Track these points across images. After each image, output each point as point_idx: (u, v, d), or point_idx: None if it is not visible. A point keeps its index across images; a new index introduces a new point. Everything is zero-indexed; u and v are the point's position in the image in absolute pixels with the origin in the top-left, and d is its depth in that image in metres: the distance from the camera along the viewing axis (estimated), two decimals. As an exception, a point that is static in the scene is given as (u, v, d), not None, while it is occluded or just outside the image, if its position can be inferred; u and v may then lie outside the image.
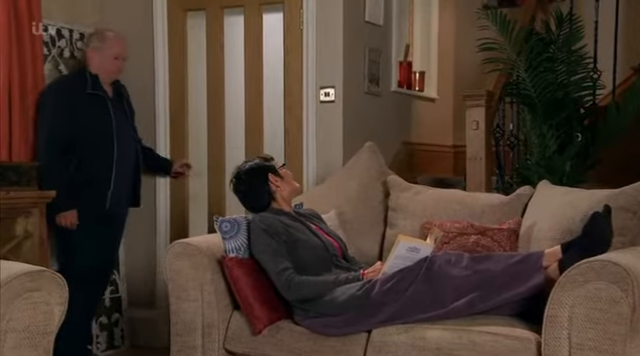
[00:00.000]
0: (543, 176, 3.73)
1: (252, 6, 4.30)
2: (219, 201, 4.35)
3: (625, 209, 2.43)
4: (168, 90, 4.40)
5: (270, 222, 2.70)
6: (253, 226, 2.72)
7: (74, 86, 3.62)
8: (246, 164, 2.95)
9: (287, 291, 2.61)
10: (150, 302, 4.31)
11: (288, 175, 2.89)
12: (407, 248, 2.46)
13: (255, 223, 2.72)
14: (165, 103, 4.40)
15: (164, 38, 4.39)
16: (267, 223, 2.69)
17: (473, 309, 2.34)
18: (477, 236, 2.70)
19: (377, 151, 3.26)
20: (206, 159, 4.40)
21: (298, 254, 2.67)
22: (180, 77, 4.40)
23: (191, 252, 2.76)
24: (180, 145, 4.41)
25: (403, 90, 4.65)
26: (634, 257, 2.16)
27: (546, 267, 2.32)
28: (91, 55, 3.71)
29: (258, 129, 4.26)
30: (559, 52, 4.02)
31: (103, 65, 3.69)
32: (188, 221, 4.44)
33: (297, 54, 4.12)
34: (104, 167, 3.59)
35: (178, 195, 4.42)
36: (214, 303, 2.73)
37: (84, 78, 3.65)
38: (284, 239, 2.67)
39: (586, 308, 2.07)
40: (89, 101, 3.61)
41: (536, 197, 2.87)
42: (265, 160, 2.94)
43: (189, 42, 4.42)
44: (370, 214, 3.13)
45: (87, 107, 3.58)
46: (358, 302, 2.47)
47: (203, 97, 4.40)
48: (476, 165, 3.66)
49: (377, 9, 4.33)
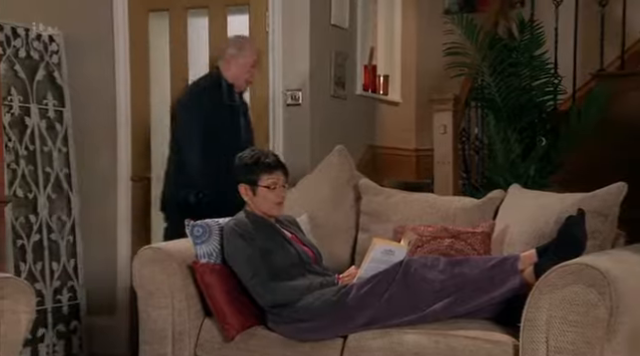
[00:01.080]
0: (508, 180, 3.77)
1: (217, 7, 4.25)
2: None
3: (597, 213, 2.46)
4: (130, 92, 4.31)
5: (245, 227, 2.65)
6: (227, 230, 2.67)
7: (212, 95, 3.52)
8: (245, 156, 2.78)
9: (261, 297, 2.57)
10: (110, 309, 4.22)
11: (265, 198, 2.70)
12: (382, 251, 2.45)
13: (229, 227, 2.67)
14: (127, 105, 4.32)
15: (125, 39, 4.30)
16: (242, 227, 2.65)
17: (450, 313, 2.34)
18: (451, 239, 2.71)
19: (347, 155, 3.25)
20: (169, 163, 4.32)
21: (272, 260, 2.63)
22: (142, 79, 4.32)
23: (161, 258, 2.70)
24: (142, 148, 4.32)
25: (368, 94, 4.65)
26: (610, 260, 2.18)
27: (522, 270, 2.34)
28: (227, 63, 3.62)
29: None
30: (522, 57, 4.08)
31: (239, 74, 3.61)
32: (150, 227, 4.35)
33: (263, 56, 4.08)
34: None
35: (140, 200, 4.33)
36: (185, 310, 2.67)
37: (219, 87, 3.56)
38: (258, 245, 2.63)
39: (564, 311, 2.09)
40: (224, 110, 3.53)
41: (507, 200, 2.89)
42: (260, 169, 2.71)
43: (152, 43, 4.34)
44: (342, 218, 3.11)
45: (222, 117, 3.50)
46: (334, 307, 2.44)
47: (166, 100, 4.32)
48: (444, 168, 3.68)
49: (342, 12, 4.33)
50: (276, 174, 2.74)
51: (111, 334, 4.14)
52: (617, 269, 2.11)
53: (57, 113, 4.16)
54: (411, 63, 5.34)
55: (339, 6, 4.28)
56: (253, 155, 2.78)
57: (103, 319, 4.17)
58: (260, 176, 2.72)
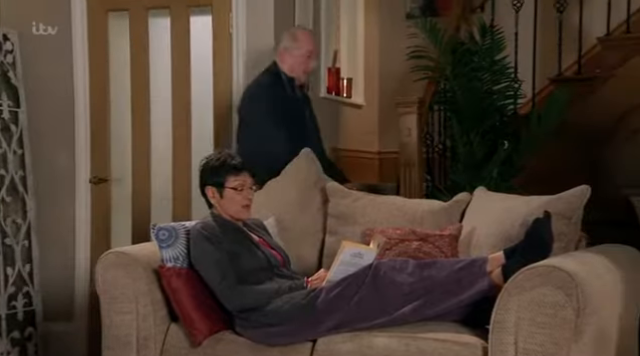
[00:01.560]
0: (471, 183, 3.81)
1: (178, 8, 4.21)
2: (144, 209, 4.21)
3: (561, 215, 2.50)
4: (88, 94, 4.24)
5: (212, 230, 2.62)
6: (194, 233, 2.63)
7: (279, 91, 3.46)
8: (211, 158, 2.76)
9: (229, 301, 2.54)
10: (67, 315, 4.13)
11: (232, 201, 2.68)
12: (351, 254, 2.45)
13: (196, 230, 2.63)
14: (85, 106, 4.24)
15: (84, 39, 4.22)
16: (209, 231, 2.61)
17: (419, 316, 2.34)
18: (419, 242, 2.72)
19: (314, 158, 3.23)
20: (130, 165, 4.26)
21: (239, 264, 2.60)
22: (102, 80, 4.24)
23: (126, 262, 2.65)
24: (102, 150, 4.24)
25: (332, 96, 4.65)
26: (576, 262, 2.22)
27: (490, 272, 2.35)
28: (282, 56, 3.54)
29: (186, 134, 4.16)
30: (483, 62, 4.13)
31: (295, 66, 3.52)
32: (111, 230, 4.27)
33: (227, 58, 4.05)
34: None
35: (100, 202, 4.24)
36: (150, 315, 2.63)
37: (280, 81, 3.48)
38: (226, 248, 2.59)
39: (532, 313, 2.11)
40: (289, 104, 3.46)
41: (474, 203, 2.92)
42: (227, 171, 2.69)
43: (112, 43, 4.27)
44: (309, 221, 3.10)
45: (289, 111, 3.43)
46: (303, 311, 2.43)
47: (127, 101, 4.25)
48: (409, 172, 3.70)
49: (306, 14, 4.32)
50: (243, 176, 2.71)
51: (68, 341, 4.05)
52: (583, 271, 2.15)
53: (12, 114, 4.05)
54: (374, 66, 5.36)
55: (303, 8, 4.27)
56: (219, 157, 2.75)
57: (60, 325, 4.09)
58: (227, 178, 2.70)
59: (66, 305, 4.14)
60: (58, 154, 4.18)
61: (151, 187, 4.25)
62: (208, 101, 4.12)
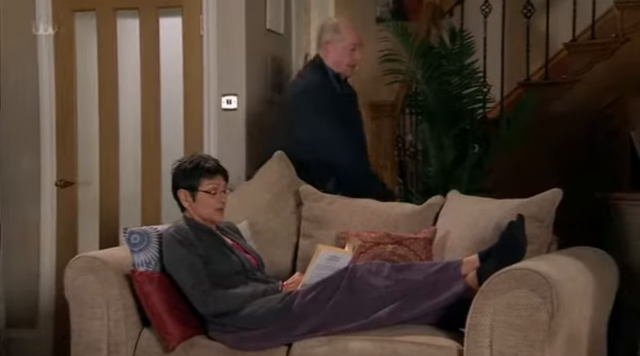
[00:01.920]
0: (443, 185, 3.83)
1: (148, 9, 4.16)
2: (112, 213, 4.15)
3: (534, 218, 2.52)
4: (54, 95, 4.17)
5: (185, 234, 2.58)
6: (167, 237, 2.59)
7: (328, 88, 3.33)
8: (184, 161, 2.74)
9: (203, 305, 2.51)
10: (31, 322, 4.05)
11: (205, 204, 2.66)
12: (327, 257, 2.44)
13: (169, 234, 2.59)
14: (51, 108, 4.17)
15: (49, 40, 4.15)
16: (182, 234, 2.58)
17: (395, 319, 2.35)
18: (394, 245, 2.72)
19: (287, 161, 3.22)
20: (98, 167, 4.19)
21: (213, 268, 2.57)
22: (68, 81, 4.17)
23: (96, 267, 2.60)
24: (68, 153, 4.17)
25: (303, 99, 4.63)
26: (549, 265, 2.24)
27: (465, 275, 2.37)
28: (326, 49, 3.38)
29: (155, 136, 4.12)
30: (453, 66, 4.16)
31: (340, 59, 3.36)
32: (77, 234, 4.20)
33: (197, 60, 4.02)
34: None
35: (66, 206, 4.17)
36: (122, 320, 2.59)
37: (327, 76, 3.34)
38: (199, 252, 2.57)
39: (507, 316, 2.12)
40: (338, 100, 3.32)
41: (447, 206, 2.93)
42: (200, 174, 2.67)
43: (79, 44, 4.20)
44: (283, 224, 3.08)
45: (338, 107, 3.29)
46: (278, 315, 2.41)
47: (94, 103, 4.19)
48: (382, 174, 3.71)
49: (278, 17, 4.31)
50: (217, 179, 2.69)
51: (32, 348, 3.97)
52: (557, 273, 2.17)
53: (-25, 116, 3.97)
54: (344, 69, 5.35)
55: (274, 11, 4.26)
56: (192, 160, 2.73)
57: (23, 332, 4.01)
58: (200, 181, 2.67)
59: (30, 311, 4.05)
60: (22, 157, 4.10)
61: (119, 190, 4.19)
62: (178, 103, 4.08)
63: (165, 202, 4.07)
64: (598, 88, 4.30)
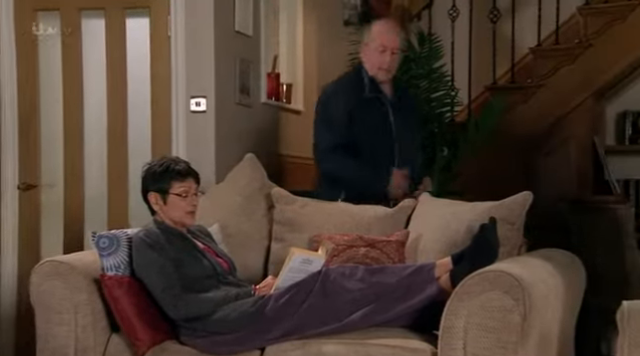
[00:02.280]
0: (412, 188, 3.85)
1: (114, 9, 4.10)
2: (76, 216, 4.08)
3: (505, 221, 2.55)
4: (17, 96, 4.08)
5: (155, 237, 2.55)
6: (137, 241, 2.55)
7: (354, 90, 3.24)
8: (154, 164, 2.71)
9: (173, 309, 2.48)
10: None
11: (176, 207, 2.63)
12: (300, 260, 2.43)
13: (139, 238, 2.55)
14: (13, 109, 4.08)
15: (10, 39, 4.07)
16: (152, 238, 2.54)
17: (369, 322, 2.34)
18: (366, 248, 2.72)
19: (258, 163, 3.20)
20: (62, 170, 4.12)
21: (184, 271, 2.54)
22: (31, 82, 4.09)
23: (64, 271, 2.55)
24: (31, 155, 4.09)
25: (272, 102, 4.62)
26: (521, 267, 2.26)
27: (438, 278, 2.38)
28: (363, 52, 3.31)
29: (121, 138, 4.06)
30: (422, 70, 4.20)
31: (372, 62, 3.25)
32: (40, 238, 4.12)
33: (165, 62, 3.98)
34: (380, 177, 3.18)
35: (28, 209, 4.08)
36: (90, 326, 2.54)
37: (361, 81, 3.25)
38: (170, 256, 2.53)
39: (480, 318, 2.14)
40: (367, 106, 3.21)
41: (419, 209, 2.94)
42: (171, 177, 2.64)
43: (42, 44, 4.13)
44: (254, 228, 3.06)
45: (365, 113, 3.19)
46: (251, 318, 2.39)
47: (59, 104, 4.12)
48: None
49: (246, 19, 4.28)
50: (188, 182, 2.66)
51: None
52: (529, 276, 2.19)
53: None
54: (313, 72, 5.36)
55: (243, 13, 4.23)
56: (163, 163, 2.70)
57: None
58: (171, 184, 2.65)
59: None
60: (-17, 159, 4.01)
61: (84, 193, 4.12)
62: (145, 104, 4.03)
63: (133, 205, 4.02)
64: (562, 93, 4.38)
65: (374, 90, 3.28)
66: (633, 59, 4.33)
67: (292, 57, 5.13)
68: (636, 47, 4.29)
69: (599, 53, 4.35)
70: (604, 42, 4.34)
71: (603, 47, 4.33)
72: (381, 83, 3.30)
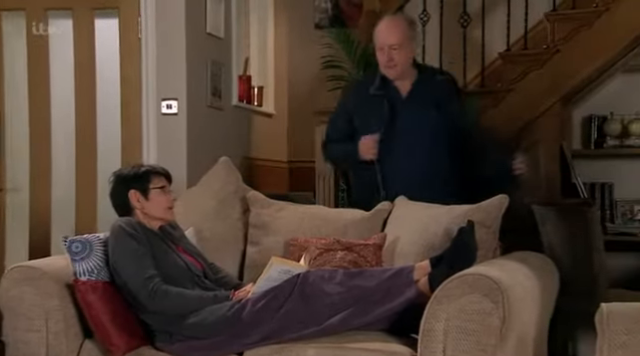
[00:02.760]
0: (384, 192, 3.85)
1: (82, 9, 4.04)
2: (43, 221, 4.00)
3: (481, 224, 2.56)
4: (-22, 98, 4.00)
5: (135, 227, 2.52)
6: (116, 230, 2.51)
7: (361, 87, 3.33)
8: (124, 169, 2.74)
9: (151, 299, 2.42)
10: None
11: (158, 203, 2.64)
12: (280, 270, 2.40)
13: (118, 227, 2.52)
14: (-26, 112, 3.99)
15: (-26, 40, 3.99)
16: (132, 227, 2.51)
17: (348, 326, 2.33)
18: (344, 252, 2.71)
19: (233, 166, 3.17)
20: (28, 173, 4.03)
21: (159, 271, 2.50)
22: (-5, 83, 4.01)
23: (34, 277, 2.49)
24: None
25: (243, 104, 4.60)
26: (499, 270, 2.27)
27: (417, 281, 2.37)
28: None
29: (90, 141, 4.00)
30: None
31: (378, 60, 3.24)
32: (5, 242, 4.03)
33: (135, 63, 3.93)
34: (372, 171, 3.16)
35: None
36: (62, 332, 2.49)
37: (374, 77, 3.25)
38: (149, 248, 2.51)
39: (460, 321, 2.14)
40: (370, 102, 3.20)
41: (395, 212, 2.94)
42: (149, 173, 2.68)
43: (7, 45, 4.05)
44: (229, 231, 3.02)
45: (367, 109, 3.18)
46: (228, 323, 2.36)
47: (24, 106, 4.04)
48: (325, 181, 3.69)
49: (218, 21, 4.26)
50: (164, 179, 2.67)
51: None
52: (507, 278, 2.20)
53: None
54: (283, 75, 5.35)
55: (214, 15, 4.20)
56: (137, 165, 2.76)
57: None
58: (151, 178, 2.68)
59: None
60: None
61: (51, 197, 4.05)
62: (116, 106, 3.97)
63: (102, 209, 3.96)
64: (531, 97, 4.42)
65: (382, 88, 3.27)
66: (599, 65, 4.39)
67: (263, 60, 5.12)
68: (602, 53, 4.35)
69: (566, 58, 4.40)
70: (571, 48, 4.39)
71: (570, 53, 4.38)
72: (395, 80, 3.29)
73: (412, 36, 3.33)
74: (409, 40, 3.30)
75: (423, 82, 3.32)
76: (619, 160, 4.81)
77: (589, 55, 4.35)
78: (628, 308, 1.81)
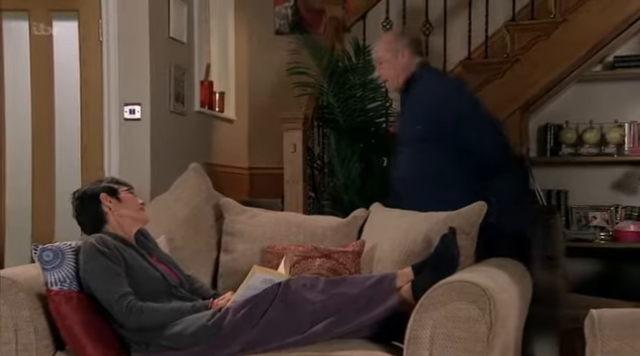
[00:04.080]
0: (352, 198, 3.85)
1: (38, 11, 3.93)
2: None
3: (461, 230, 2.55)
4: None
5: (106, 243, 2.43)
6: (87, 248, 2.42)
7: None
8: (85, 186, 2.69)
9: (127, 317, 2.34)
10: None
11: (131, 201, 2.60)
12: (261, 280, 2.35)
13: (90, 244, 2.42)
14: None
15: None
16: (104, 244, 2.42)
17: (331, 334, 2.29)
18: (322, 259, 2.67)
19: (204, 173, 3.10)
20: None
21: (135, 283, 2.42)
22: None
23: (3, 286, 2.38)
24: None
25: (205, 110, 4.53)
26: (485, 277, 2.27)
27: (399, 288, 2.36)
28: None
29: (48, 147, 3.87)
30: (358, 80, 4.21)
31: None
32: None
33: (96, 67, 3.84)
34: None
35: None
36: (32, 344, 2.38)
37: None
38: (122, 264, 2.42)
39: (446, 328, 2.12)
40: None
41: (372, 219, 2.93)
42: (114, 181, 2.67)
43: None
44: (202, 239, 2.95)
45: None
46: (209, 333, 2.30)
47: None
48: (294, 187, 3.67)
49: (181, 25, 4.19)
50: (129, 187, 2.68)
51: None
52: (493, 285, 2.20)
53: None
54: (244, 81, 5.30)
55: (177, 19, 4.13)
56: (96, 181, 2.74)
57: None
58: (118, 185, 2.65)
59: None
60: None
61: (5, 206, 3.90)
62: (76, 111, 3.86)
63: (59, 217, 3.84)
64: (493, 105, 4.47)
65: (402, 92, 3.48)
66: (557, 74, 4.49)
67: (224, 65, 5.07)
68: (560, 63, 4.45)
69: (525, 68, 4.48)
70: (529, 58, 4.48)
71: (529, 63, 4.47)
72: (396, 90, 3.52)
73: (397, 49, 3.37)
74: (392, 53, 3.37)
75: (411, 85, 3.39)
76: (574, 168, 4.93)
77: (547, 65, 4.45)
78: (619, 314, 1.83)
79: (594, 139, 4.82)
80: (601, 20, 4.35)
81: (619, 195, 4.87)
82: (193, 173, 3.07)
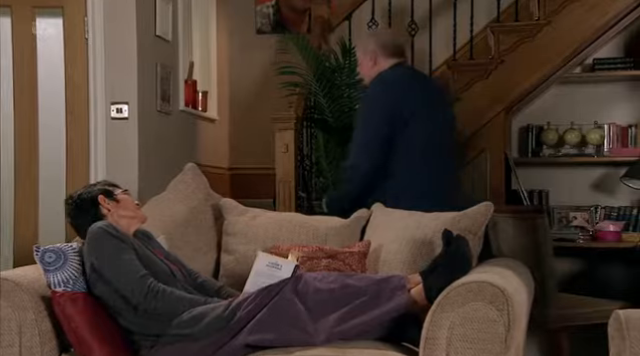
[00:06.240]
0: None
1: (21, 8, 3.83)
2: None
3: (468, 231, 2.56)
4: None
5: (116, 228, 2.41)
6: (96, 232, 2.38)
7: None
8: (78, 191, 2.63)
9: (146, 298, 2.29)
10: None
11: (128, 202, 2.57)
12: (267, 263, 2.32)
13: (98, 228, 2.38)
14: None
15: None
16: (113, 228, 2.40)
17: (342, 325, 2.23)
18: (328, 260, 2.64)
19: (200, 173, 3.05)
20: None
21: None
22: None
23: (7, 289, 2.30)
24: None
25: (189, 109, 4.47)
26: (500, 277, 2.26)
27: (409, 289, 2.34)
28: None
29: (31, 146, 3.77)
30: (346, 80, 4.20)
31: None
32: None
33: (82, 66, 3.75)
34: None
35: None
36: (37, 347, 2.31)
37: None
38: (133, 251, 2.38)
39: (464, 329, 2.11)
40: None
41: (374, 220, 2.91)
42: (108, 184, 2.64)
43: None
44: (202, 240, 2.90)
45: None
46: (224, 323, 2.25)
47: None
48: (286, 187, 3.63)
49: (166, 23, 4.12)
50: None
51: None
52: (509, 286, 2.20)
53: None
54: (225, 80, 5.24)
55: (163, 17, 4.07)
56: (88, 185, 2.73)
57: None
58: (114, 188, 2.63)
59: None
60: None
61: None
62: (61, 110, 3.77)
63: (43, 219, 3.74)
64: (477, 106, 4.51)
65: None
66: (541, 76, 4.54)
67: (206, 64, 5.01)
68: (543, 65, 4.50)
69: (510, 69, 4.53)
70: (514, 59, 4.52)
71: (513, 64, 4.52)
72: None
73: (366, 51, 3.45)
74: (362, 53, 3.48)
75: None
76: (555, 168, 5.00)
77: (531, 67, 4.50)
78: (645, 314, 1.84)
79: (575, 140, 4.88)
80: (584, 23, 4.42)
81: (599, 195, 4.94)
82: (190, 173, 3.02)
